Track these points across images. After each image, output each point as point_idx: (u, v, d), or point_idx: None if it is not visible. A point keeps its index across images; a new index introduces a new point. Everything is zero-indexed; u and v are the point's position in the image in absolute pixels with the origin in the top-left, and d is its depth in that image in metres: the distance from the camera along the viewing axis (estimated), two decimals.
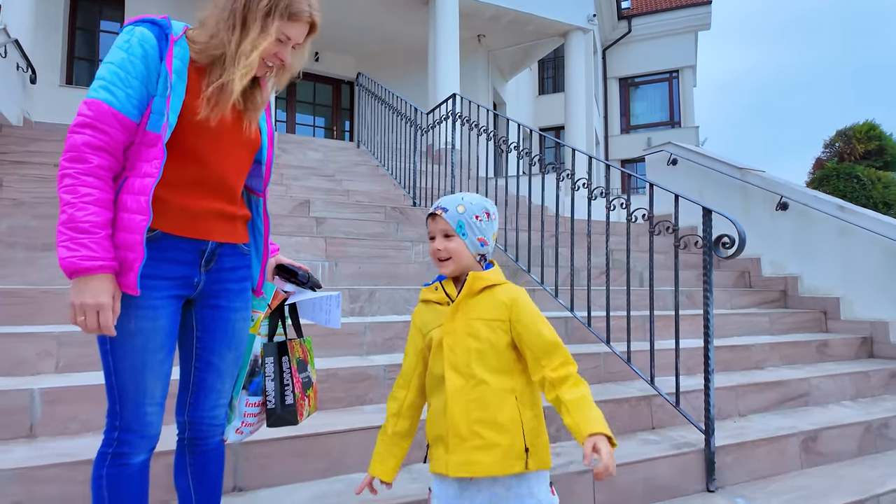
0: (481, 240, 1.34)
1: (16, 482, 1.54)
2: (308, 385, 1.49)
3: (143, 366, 1.21)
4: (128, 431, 1.23)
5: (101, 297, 1.10)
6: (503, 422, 1.23)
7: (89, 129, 1.13)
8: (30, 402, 1.83)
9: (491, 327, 1.28)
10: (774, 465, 2.55)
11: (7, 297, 2.35)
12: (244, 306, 1.41)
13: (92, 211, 1.11)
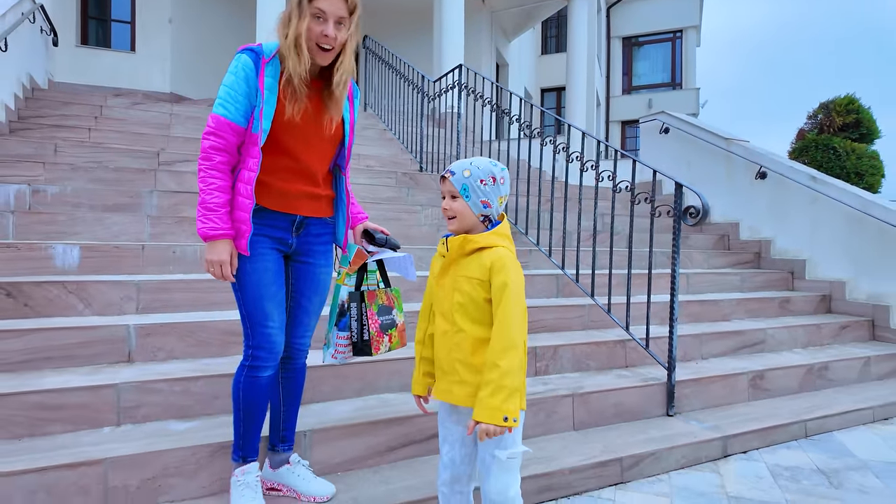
0: (484, 202, 1.44)
1: (133, 391, 2.03)
2: (390, 326, 1.88)
3: (261, 296, 1.66)
4: (258, 349, 1.68)
5: (223, 256, 1.58)
6: (477, 364, 1.39)
7: (213, 136, 1.58)
8: (127, 334, 2.31)
9: (472, 284, 1.41)
10: (726, 397, 3.08)
11: (88, 251, 2.80)
12: (327, 262, 1.85)
13: (216, 195, 1.57)
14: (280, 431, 1.86)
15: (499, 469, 1.39)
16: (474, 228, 1.47)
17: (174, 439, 1.89)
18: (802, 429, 2.87)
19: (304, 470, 1.88)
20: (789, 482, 2.31)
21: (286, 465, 1.86)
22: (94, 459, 1.72)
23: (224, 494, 1.85)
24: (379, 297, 1.88)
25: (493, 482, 1.39)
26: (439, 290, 1.48)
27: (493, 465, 1.39)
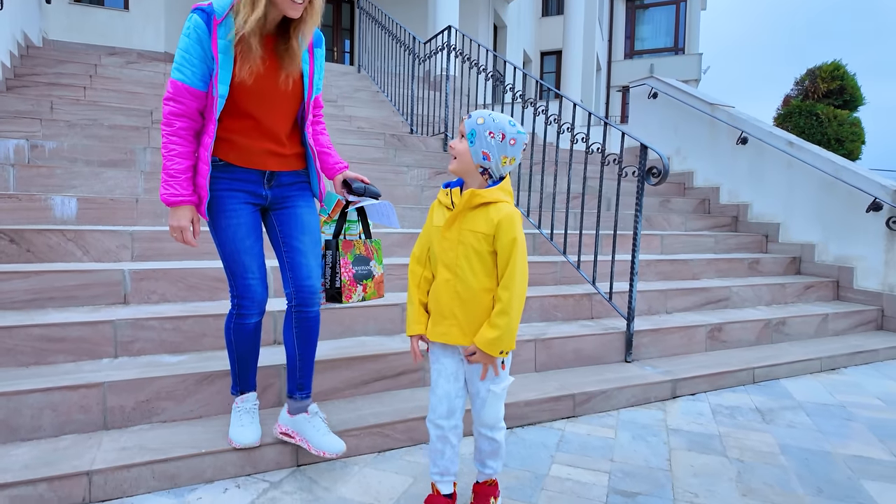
0: (485, 154, 1.46)
1: (128, 327, 2.24)
2: (365, 276, 1.91)
3: (237, 249, 1.74)
4: (241, 298, 1.78)
5: (182, 222, 1.66)
6: (477, 313, 1.49)
7: (172, 102, 1.61)
8: (122, 279, 2.51)
9: (477, 238, 1.46)
10: (683, 347, 3.30)
11: (85, 202, 2.98)
12: (307, 203, 1.86)
13: (176, 161, 1.63)
14: (297, 379, 1.89)
15: (493, 400, 1.53)
16: (470, 175, 1.51)
17: (166, 369, 2.10)
18: (750, 375, 3.10)
19: (320, 423, 1.89)
20: (726, 418, 2.55)
21: (304, 414, 1.88)
22: (94, 383, 1.94)
23: (209, 418, 2.08)
24: (357, 248, 1.92)
25: (489, 411, 1.54)
26: (443, 242, 1.52)
27: (488, 397, 1.53)
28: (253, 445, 1.86)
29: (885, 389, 3.04)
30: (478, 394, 1.56)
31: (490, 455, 1.62)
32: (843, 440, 2.33)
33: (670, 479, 1.95)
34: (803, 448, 2.24)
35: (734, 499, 1.83)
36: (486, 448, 1.61)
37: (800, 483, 1.95)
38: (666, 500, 1.80)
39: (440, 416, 1.58)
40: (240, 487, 1.80)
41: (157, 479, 1.77)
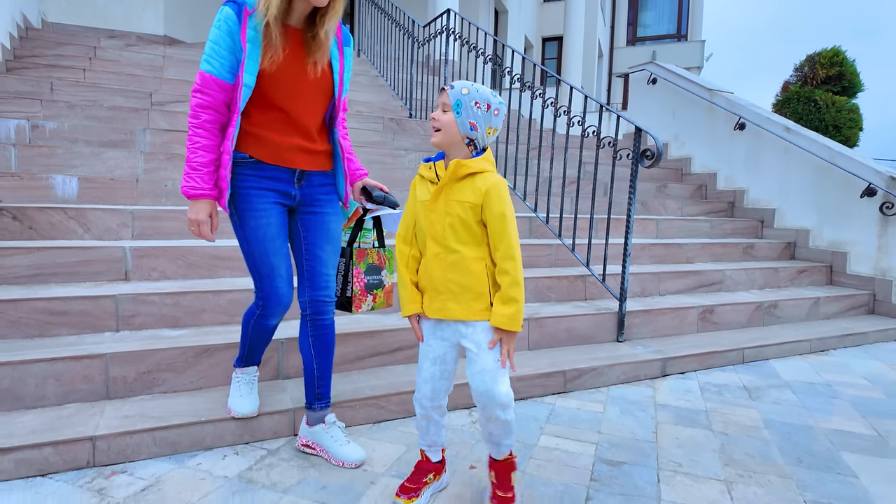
0: (472, 124, 1.44)
1: (129, 302, 2.29)
2: (376, 286, 1.88)
3: (266, 250, 1.69)
4: (267, 300, 1.74)
5: (201, 216, 1.62)
6: (470, 283, 1.46)
7: (199, 94, 1.59)
8: (123, 255, 2.56)
9: (464, 208, 1.44)
10: (674, 328, 3.36)
11: (85, 182, 3.02)
12: (334, 210, 1.82)
13: (200, 154, 1.60)
14: (315, 389, 1.86)
15: (502, 374, 1.49)
16: (455, 147, 1.48)
17: (166, 342, 2.16)
18: (740, 356, 3.16)
19: (339, 432, 1.87)
20: (714, 395, 2.61)
21: (321, 425, 1.86)
22: (97, 354, 2.00)
23: (209, 389, 2.15)
24: (370, 257, 1.87)
25: (501, 387, 1.48)
26: (430, 215, 1.49)
27: (497, 371, 1.47)
28: (251, 415, 1.91)
29: (872, 370, 3.10)
30: (485, 370, 1.48)
31: (505, 435, 1.56)
32: (826, 416, 2.40)
33: (655, 450, 2.01)
34: (786, 423, 2.30)
35: (716, 468, 1.89)
36: (499, 431, 1.54)
37: (780, 454, 2.01)
38: (650, 469, 1.87)
39: (424, 396, 1.58)
40: (238, 454, 1.86)
41: (158, 445, 1.83)
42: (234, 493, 1.62)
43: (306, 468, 1.79)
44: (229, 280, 2.68)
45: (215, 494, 1.61)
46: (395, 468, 1.81)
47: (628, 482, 1.78)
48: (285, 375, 2.30)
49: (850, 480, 1.83)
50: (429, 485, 1.64)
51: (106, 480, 1.67)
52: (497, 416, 1.50)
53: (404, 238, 1.60)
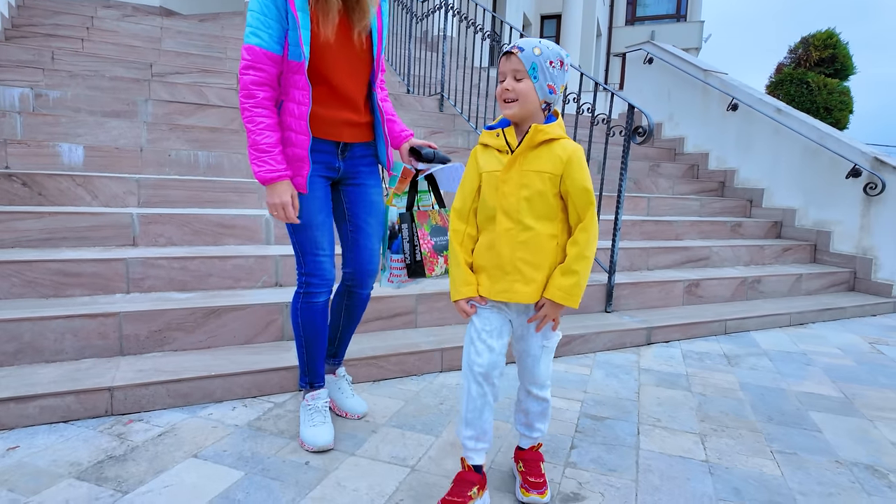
0: (550, 87, 1.32)
1: (139, 265, 2.39)
2: (445, 247, 1.76)
3: (311, 224, 1.65)
4: (311, 276, 1.69)
5: (284, 197, 1.55)
6: (541, 262, 1.34)
7: (252, 70, 1.50)
8: (131, 222, 2.64)
9: (542, 179, 1.31)
10: (661, 300, 3.49)
11: (91, 150, 3.09)
12: (376, 182, 1.79)
13: (266, 135, 1.51)
14: (333, 348, 1.93)
15: (546, 356, 1.44)
16: (533, 117, 1.35)
17: (176, 303, 2.27)
18: (722, 327, 3.30)
19: (346, 385, 1.94)
20: (695, 361, 2.75)
21: (331, 376, 1.94)
22: (111, 312, 2.10)
23: (217, 348, 2.26)
24: (432, 218, 1.77)
25: (543, 368, 1.45)
26: (503, 186, 1.35)
27: (542, 354, 1.43)
28: (327, 447, 1.70)
29: (846, 341, 3.26)
30: (528, 352, 1.45)
31: (539, 416, 1.52)
32: (798, 380, 2.55)
33: (637, 407, 2.15)
34: (761, 386, 2.45)
35: (692, 423, 2.03)
36: (536, 409, 1.50)
37: (753, 412, 2.16)
38: (631, 423, 2.01)
39: (483, 366, 1.39)
40: (246, 406, 1.99)
41: (171, 396, 1.95)
42: (245, 439, 1.75)
43: None
44: (234, 247, 2.78)
45: (228, 440, 1.74)
46: (394, 419, 1.94)
47: (610, 434, 1.92)
48: (289, 337, 2.41)
49: (814, 435, 1.98)
50: (473, 500, 1.41)
51: (124, 427, 1.79)
52: (535, 394, 1.48)
53: (460, 213, 1.44)
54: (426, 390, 2.22)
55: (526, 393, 1.50)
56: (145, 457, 1.61)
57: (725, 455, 1.80)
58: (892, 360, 2.93)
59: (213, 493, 1.45)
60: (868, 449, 1.89)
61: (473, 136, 4.91)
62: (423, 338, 2.55)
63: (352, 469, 1.61)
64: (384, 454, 1.70)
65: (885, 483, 1.67)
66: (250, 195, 3.18)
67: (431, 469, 1.63)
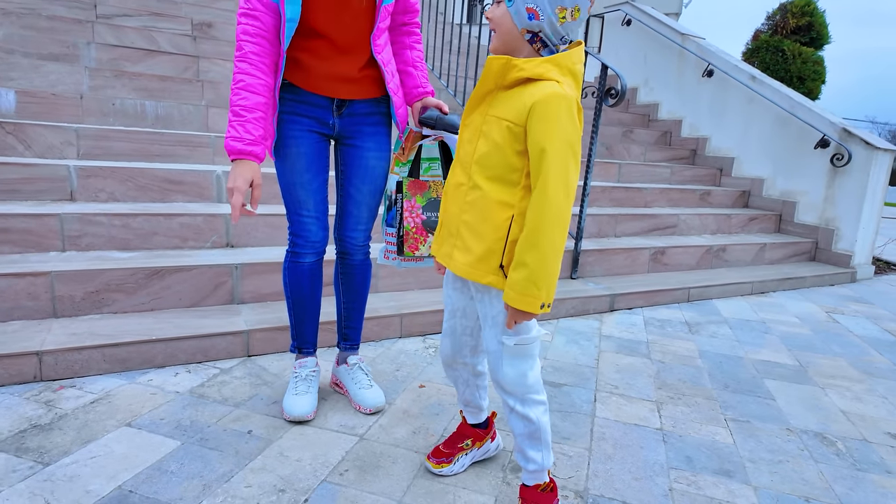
0: (530, 10, 1.02)
1: (76, 222, 2.22)
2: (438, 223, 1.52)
3: (293, 183, 1.52)
4: (295, 236, 1.59)
5: (237, 181, 1.34)
6: (484, 232, 1.09)
7: (244, 18, 1.35)
8: (68, 174, 2.45)
9: (501, 128, 1.06)
10: (627, 268, 3.48)
11: (24, 95, 2.83)
12: (377, 147, 1.60)
13: (243, 95, 1.34)
14: (342, 329, 1.82)
15: (511, 356, 1.15)
16: (519, 51, 1.08)
17: (116, 263, 2.12)
18: (686, 294, 3.31)
19: (361, 375, 1.78)
20: (656, 328, 2.75)
21: (344, 365, 1.81)
22: (42, 272, 1.95)
23: (161, 311, 2.14)
24: (433, 190, 1.55)
25: (507, 370, 1.16)
26: (463, 130, 1.16)
27: (502, 353, 1.16)
28: (306, 418, 1.62)
29: (804, 310, 3.31)
30: (489, 349, 1.19)
31: (526, 440, 1.21)
32: (756, 348, 2.57)
33: (595, 375, 2.13)
34: (720, 353, 2.46)
35: (649, 391, 2.02)
36: (519, 429, 1.20)
37: (710, 380, 2.16)
38: (588, 391, 1.99)
39: (444, 351, 1.35)
40: (190, 372, 1.89)
41: (108, 361, 1.84)
42: (185, 407, 1.65)
43: (258, 385, 1.83)
44: (182, 205, 2.62)
45: (166, 407, 1.64)
46: None
47: (566, 401, 1.89)
48: (240, 300, 2.30)
49: (768, 402, 2.00)
50: (465, 451, 1.41)
51: (54, 394, 1.67)
52: (509, 405, 1.20)
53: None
54: (383, 356, 2.16)
55: (503, 403, 1.22)
56: (73, 425, 1.50)
57: (680, 423, 1.79)
58: (847, 329, 2.99)
59: (143, 463, 1.36)
60: (818, 417, 1.91)
61: (446, 94, 4.74)
62: (382, 303, 2.46)
63: (297, 438, 1.53)
64: (332, 423, 1.63)
65: (832, 451, 1.69)
66: (202, 149, 2.99)
67: (381, 438, 1.57)
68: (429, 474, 1.41)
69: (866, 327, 3.04)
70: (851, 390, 2.16)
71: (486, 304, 1.16)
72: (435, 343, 2.34)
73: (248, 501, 1.25)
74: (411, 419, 1.68)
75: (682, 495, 1.40)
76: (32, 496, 1.21)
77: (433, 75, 4.93)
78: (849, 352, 2.62)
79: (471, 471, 1.44)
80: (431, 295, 2.64)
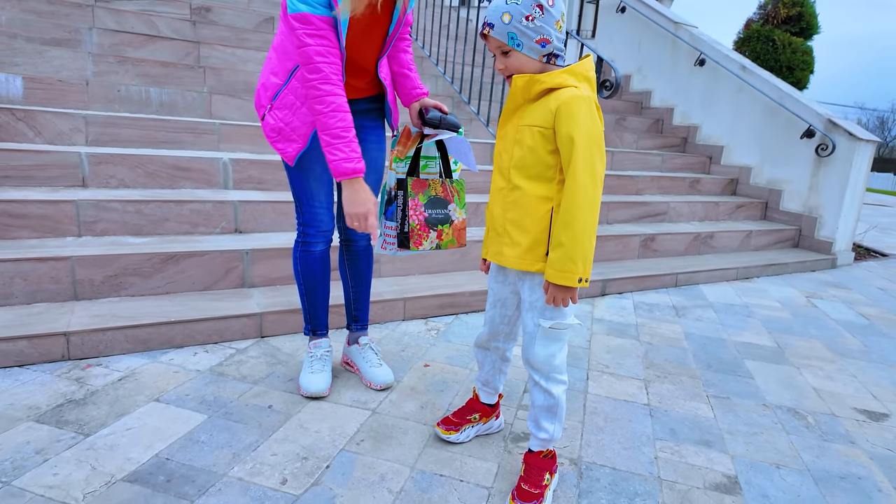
0: (542, 41, 1.17)
1: (90, 208, 2.30)
2: (441, 221, 1.63)
3: (307, 176, 1.62)
4: (307, 226, 1.69)
5: (367, 205, 1.45)
6: (529, 226, 1.24)
7: (310, 39, 1.35)
8: (80, 161, 2.52)
9: (533, 134, 1.20)
10: (618, 254, 3.61)
11: (31, 81, 2.88)
12: (377, 139, 1.74)
13: (339, 117, 1.40)
14: (351, 311, 1.93)
15: (544, 338, 1.29)
16: (539, 72, 1.22)
17: (131, 248, 2.21)
18: (674, 280, 3.46)
19: (371, 354, 1.90)
20: (645, 312, 2.90)
21: (356, 345, 1.92)
22: (62, 256, 2.04)
23: (175, 294, 2.24)
24: (432, 188, 1.63)
25: (538, 350, 1.30)
26: (499, 142, 1.31)
27: (537, 333, 1.29)
28: (321, 394, 1.74)
29: (786, 295, 3.48)
30: (526, 328, 1.34)
31: (544, 412, 1.35)
32: (738, 331, 2.73)
33: (587, 355, 2.27)
34: (704, 336, 2.62)
35: (638, 370, 2.17)
36: (539, 401, 1.34)
37: (694, 360, 2.32)
38: (581, 370, 2.13)
39: (480, 339, 1.52)
40: (208, 352, 2.00)
41: (130, 342, 1.94)
42: (208, 384, 1.77)
43: (274, 364, 1.95)
44: (190, 191, 2.70)
45: (190, 384, 1.76)
46: None
47: None
48: (251, 284, 2.41)
49: (747, 381, 2.15)
50: (472, 423, 1.57)
51: (83, 371, 1.78)
52: (535, 380, 1.34)
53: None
54: (388, 338, 2.28)
55: (529, 377, 1.37)
56: (106, 400, 1.62)
57: (666, 399, 1.94)
58: (824, 312, 3.16)
59: (176, 434, 1.48)
60: (792, 394, 2.07)
61: (442, 80, 4.80)
62: (386, 287, 2.58)
63: (314, 412, 1.66)
64: (346, 399, 1.76)
65: (803, 424, 1.84)
66: (207, 136, 3.06)
67: (392, 412, 1.70)
68: (438, 443, 1.54)
69: (842, 311, 3.22)
70: (824, 370, 2.33)
71: (528, 291, 1.31)
72: (437, 325, 2.46)
73: (275, 468, 1.38)
74: (418, 395, 1.82)
75: (666, 462, 1.55)
76: (79, 462, 1.33)
77: (430, 61, 4.99)
78: (824, 334, 2.78)
79: (475, 441, 1.58)
80: (432, 280, 2.76)
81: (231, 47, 3.93)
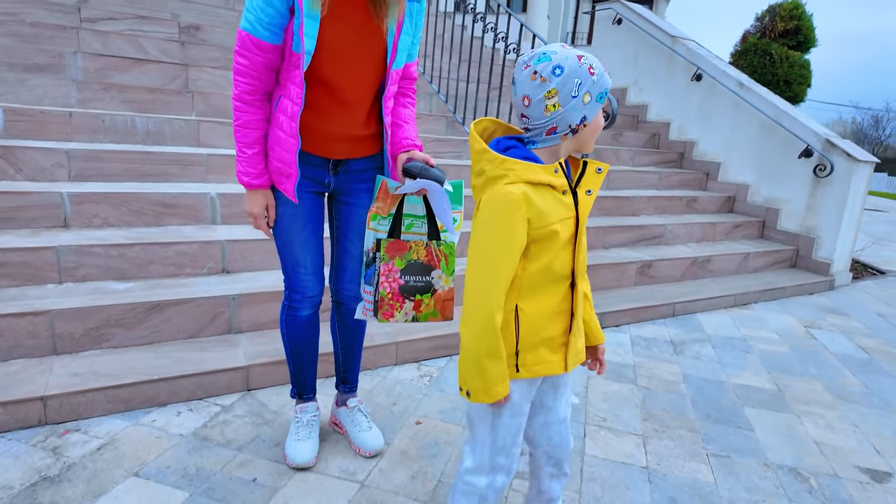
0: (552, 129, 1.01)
1: (71, 253, 2.23)
2: (421, 290, 1.46)
3: (291, 241, 1.56)
4: (292, 291, 1.63)
5: (255, 209, 1.48)
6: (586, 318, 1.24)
7: (238, 56, 1.36)
8: (61, 201, 2.44)
9: None
10: (615, 282, 3.56)
11: (12, 114, 2.79)
12: (372, 202, 1.55)
13: (244, 133, 1.41)
14: (340, 373, 1.87)
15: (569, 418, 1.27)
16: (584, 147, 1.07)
17: (114, 297, 2.14)
18: (671, 310, 3.41)
19: (361, 417, 1.83)
20: (642, 349, 2.85)
21: (344, 408, 1.86)
22: (41, 310, 1.97)
23: (160, 344, 2.17)
24: (414, 251, 1.45)
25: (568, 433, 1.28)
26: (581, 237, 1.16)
27: (568, 415, 1.26)
28: (308, 465, 1.67)
29: (783, 324, 3.43)
30: (557, 417, 1.23)
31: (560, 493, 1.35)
32: (737, 371, 2.68)
33: (585, 405, 2.22)
34: (702, 378, 2.57)
35: (636, 423, 2.12)
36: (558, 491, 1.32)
37: (693, 409, 2.27)
38: (578, 424, 2.07)
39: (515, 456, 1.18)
40: (192, 410, 1.93)
41: (110, 402, 1.88)
42: (190, 452, 1.70)
43: (260, 425, 1.88)
44: (176, 229, 2.62)
45: (171, 452, 1.69)
46: None
47: None
48: (238, 329, 2.34)
49: (746, 434, 2.10)
50: None
51: (59, 439, 1.71)
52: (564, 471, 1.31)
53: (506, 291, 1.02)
54: (379, 387, 2.22)
55: (549, 476, 1.26)
56: (83, 476, 1.55)
57: (664, 460, 1.88)
58: (823, 346, 3.12)
59: None
60: (794, 449, 2.02)
61: (436, 99, 4.73)
62: (378, 329, 2.52)
63: (300, 485, 1.60)
64: (333, 468, 1.70)
65: (805, 487, 1.80)
66: (194, 168, 2.98)
67: (381, 484, 1.64)
68: None
69: (841, 344, 3.17)
70: (825, 417, 2.28)
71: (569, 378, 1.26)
72: (429, 370, 2.41)
73: None
74: (410, 461, 1.76)
75: None
76: None
77: (424, 79, 4.91)
78: (824, 373, 2.74)
79: None
80: None
81: (220, 69, 3.84)
